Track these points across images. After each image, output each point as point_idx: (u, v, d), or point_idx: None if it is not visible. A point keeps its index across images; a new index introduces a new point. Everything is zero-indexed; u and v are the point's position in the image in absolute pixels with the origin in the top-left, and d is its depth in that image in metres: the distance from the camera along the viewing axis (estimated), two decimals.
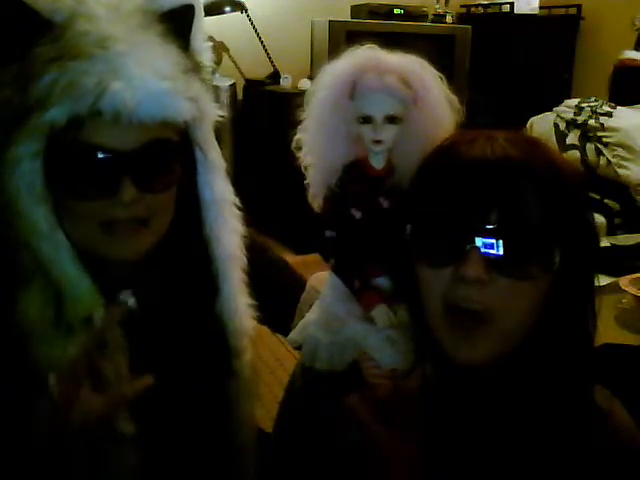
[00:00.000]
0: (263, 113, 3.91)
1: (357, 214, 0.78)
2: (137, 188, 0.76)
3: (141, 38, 0.76)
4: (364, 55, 0.77)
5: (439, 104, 0.78)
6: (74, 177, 0.76)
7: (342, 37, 3.65)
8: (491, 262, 0.67)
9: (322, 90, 0.78)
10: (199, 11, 0.87)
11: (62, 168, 0.75)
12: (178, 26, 0.82)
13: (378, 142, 0.75)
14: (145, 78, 0.74)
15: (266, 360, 2.42)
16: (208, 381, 0.90)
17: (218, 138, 0.91)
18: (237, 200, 0.93)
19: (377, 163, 0.78)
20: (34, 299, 0.76)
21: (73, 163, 0.75)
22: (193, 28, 0.86)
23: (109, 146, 0.75)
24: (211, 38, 0.94)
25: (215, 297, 0.91)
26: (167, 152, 0.81)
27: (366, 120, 0.75)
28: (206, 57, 0.89)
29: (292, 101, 0.85)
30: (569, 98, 2.96)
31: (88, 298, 0.78)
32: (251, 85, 4.09)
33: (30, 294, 0.76)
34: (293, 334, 0.85)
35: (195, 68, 0.84)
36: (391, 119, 0.75)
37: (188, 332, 0.88)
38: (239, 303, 0.93)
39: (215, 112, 0.88)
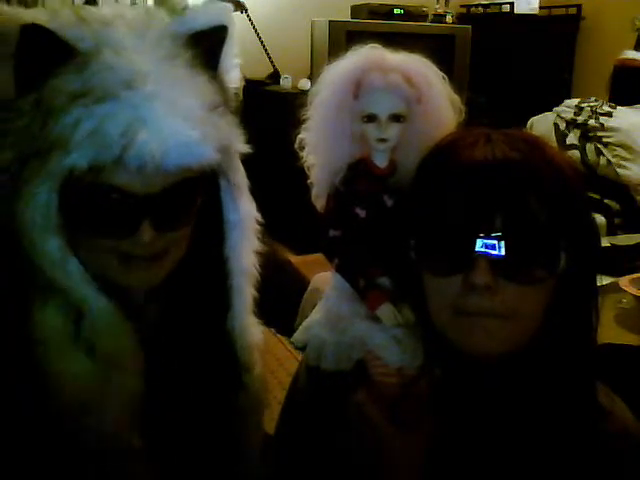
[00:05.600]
0: (263, 113, 3.90)
1: (362, 213, 0.78)
2: (156, 229, 0.75)
3: (169, 72, 0.73)
4: (368, 54, 0.77)
5: (442, 103, 0.79)
6: (91, 215, 0.74)
7: (342, 37, 3.64)
8: (498, 268, 0.67)
9: (326, 89, 0.78)
10: (232, 30, 0.83)
11: (79, 205, 0.73)
12: (207, 49, 0.79)
13: (382, 140, 0.75)
14: (174, 126, 0.70)
15: (266, 361, 2.42)
16: (218, 395, 0.89)
17: None
18: (259, 216, 0.90)
19: (380, 162, 0.78)
20: (52, 311, 0.75)
21: (90, 202, 0.73)
22: (224, 50, 0.83)
23: (130, 190, 0.72)
24: None
25: (226, 312, 0.90)
26: (189, 191, 0.79)
27: (370, 119, 0.75)
28: (235, 76, 0.87)
29: (292, 101, 0.84)
30: (569, 98, 2.96)
31: (107, 316, 0.77)
32: (251, 85, 4.09)
33: (48, 306, 0.75)
34: (297, 334, 0.85)
35: (223, 98, 0.81)
36: (395, 117, 0.75)
37: (199, 347, 0.87)
38: (250, 318, 0.92)
39: (243, 147, 0.85)
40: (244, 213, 0.88)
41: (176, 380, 0.84)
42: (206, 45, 0.79)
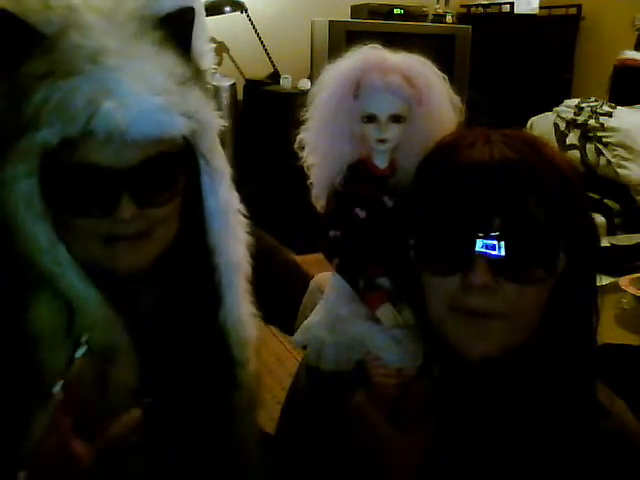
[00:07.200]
0: (263, 113, 3.91)
1: (361, 213, 0.77)
2: (137, 204, 0.75)
3: (135, 49, 0.74)
4: (368, 54, 0.77)
5: (442, 103, 0.78)
6: (71, 195, 0.75)
7: (342, 37, 3.65)
8: (497, 268, 0.67)
9: (326, 90, 0.78)
10: (200, 13, 0.85)
11: (58, 186, 0.74)
12: (177, 31, 0.80)
13: (382, 141, 0.75)
14: (137, 95, 0.72)
15: (266, 360, 2.43)
16: (211, 391, 0.89)
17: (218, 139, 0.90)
18: (243, 208, 0.91)
19: (381, 162, 0.78)
20: (45, 306, 0.75)
21: (69, 182, 0.74)
22: (194, 31, 0.83)
23: (104, 164, 0.73)
24: (211, 38, 0.93)
25: (219, 307, 0.90)
26: (167, 166, 0.79)
27: (370, 119, 0.75)
28: (208, 60, 0.87)
29: (292, 101, 0.84)
30: (569, 98, 2.96)
31: (96, 309, 0.77)
32: (251, 85, 4.09)
33: (41, 301, 0.76)
34: (297, 335, 0.85)
35: (195, 76, 0.82)
36: (395, 118, 0.75)
37: (191, 342, 0.87)
38: (243, 313, 0.92)
39: (218, 121, 0.86)
40: (224, 201, 0.88)
41: (170, 375, 0.84)
42: (175, 27, 0.80)
